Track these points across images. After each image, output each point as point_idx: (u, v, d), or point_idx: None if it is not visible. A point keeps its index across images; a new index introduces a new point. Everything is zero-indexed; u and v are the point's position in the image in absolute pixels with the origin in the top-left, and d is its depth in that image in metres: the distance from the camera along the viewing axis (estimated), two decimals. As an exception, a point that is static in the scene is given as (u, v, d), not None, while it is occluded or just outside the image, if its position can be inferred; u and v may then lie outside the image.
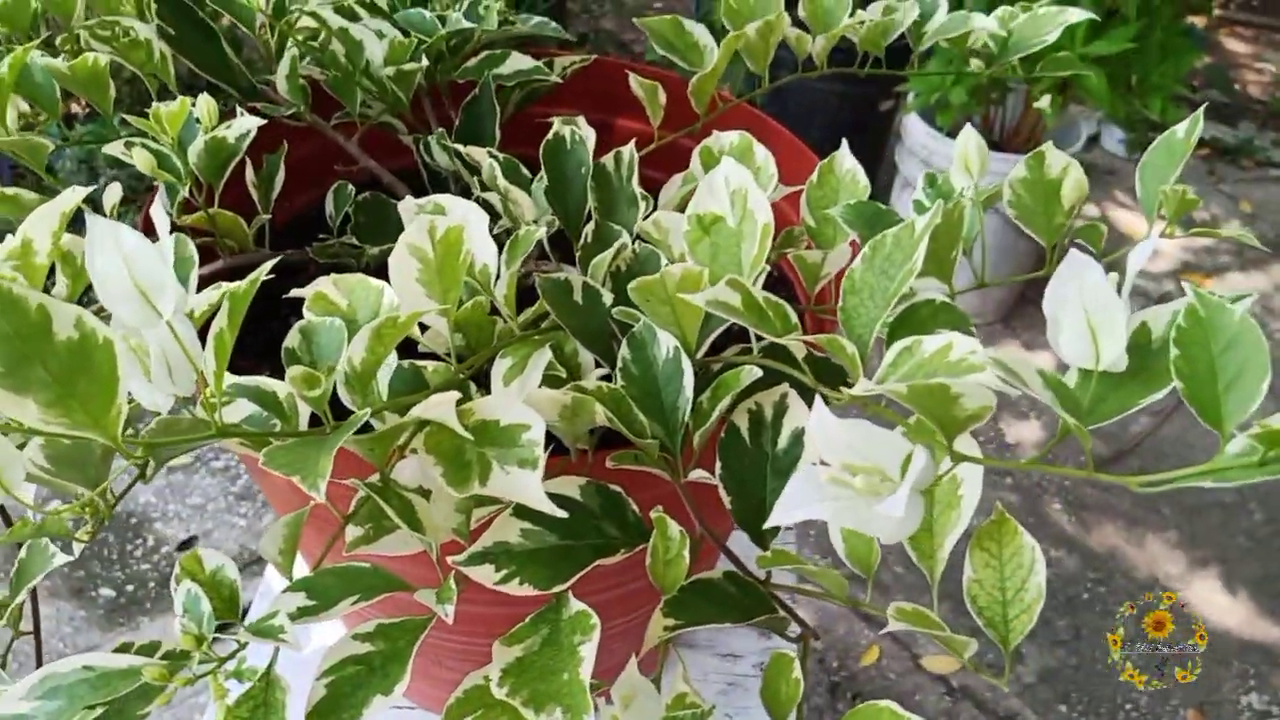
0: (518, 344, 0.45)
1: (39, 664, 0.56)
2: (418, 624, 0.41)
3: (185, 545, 2.05)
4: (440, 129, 0.64)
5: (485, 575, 0.40)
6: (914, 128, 2.27)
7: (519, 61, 0.64)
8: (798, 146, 0.67)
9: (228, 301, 0.34)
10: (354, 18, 0.63)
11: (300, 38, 0.60)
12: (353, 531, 0.44)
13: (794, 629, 0.44)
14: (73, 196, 0.45)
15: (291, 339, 0.39)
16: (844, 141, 0.52)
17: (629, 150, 0.54)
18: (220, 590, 0.40)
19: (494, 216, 0.57)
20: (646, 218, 0.51)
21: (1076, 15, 0.76)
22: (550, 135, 0.55)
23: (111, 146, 0.52)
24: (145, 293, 0.32)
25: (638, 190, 0.52)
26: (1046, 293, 0.35)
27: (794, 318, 0.40)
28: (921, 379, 0.33)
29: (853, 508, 0.29)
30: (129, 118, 0.50)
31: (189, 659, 0.38)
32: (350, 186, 0.60)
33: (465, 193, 0.66)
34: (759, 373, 0.42)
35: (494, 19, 0.60)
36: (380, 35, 0.61)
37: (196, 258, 0.40)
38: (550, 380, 0.45)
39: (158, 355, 0.35)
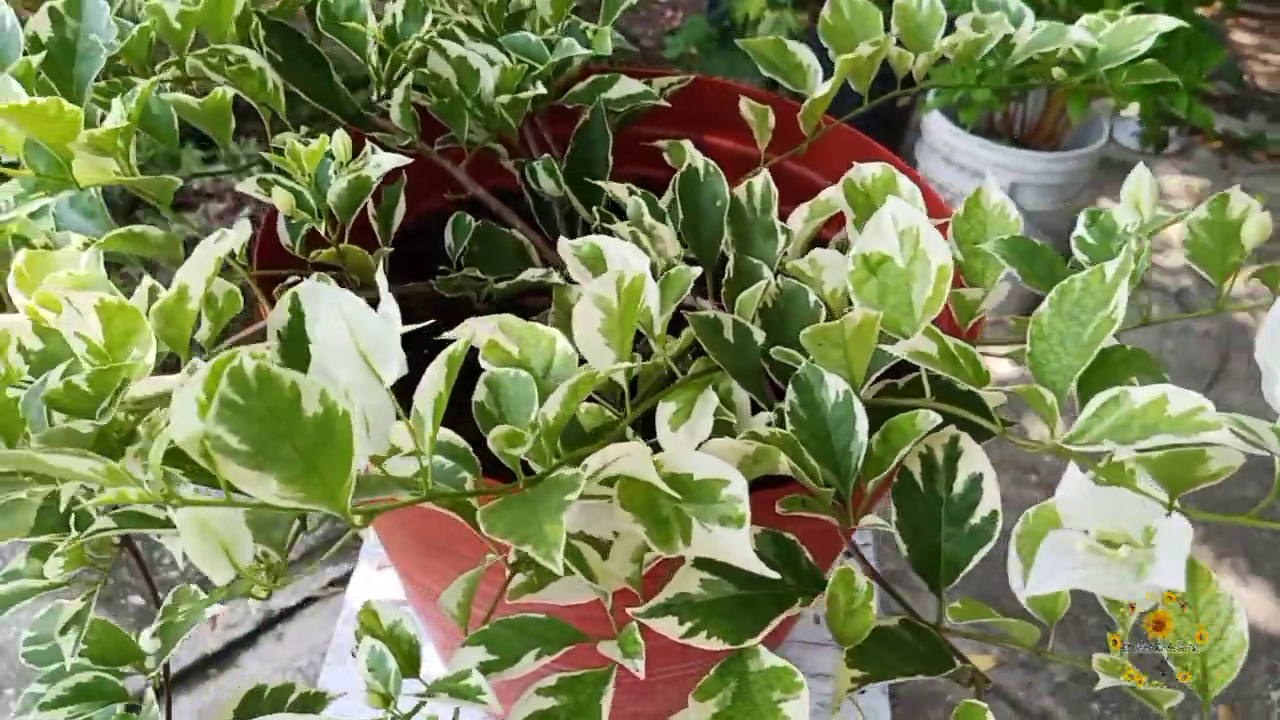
0: (680, 388, 0.44)
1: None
2: (599, 676, 0.40)
3: None
4: (546, 154, 0.63)
5: (669, 628, 0.40)
6: (935, 125, 2.26)
7: (628, 85, 0.63)
8: (904, 167, 0.67)
9: (445, 365, 0.33)
10: (456, 42, 0.62)
11: (412, 61, 0.59)
12: (514, 578, 0.43)
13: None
14: (226, 242, 0.44)
15: (480, 393, 0.38)
16: (988, 174, 0.51)
17: (762, 182, 0.53)
18: (400, 645, 0.40)
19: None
20: (784, 250, 0.50)
21: (1166, 24, 0.76)
22: (685, 168, 0.54)
23: (245, 184, 0.51)
24: (367, 356, 0.32)
25: (777, 223, 0.51)
26: (1259, 341, 0.35)
27: (985, 365, 0.39)
28: (1138, 433, 0.33)
29: (1107, 575, 0.29)
30: (267, 154, 0.49)
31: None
32: (468, 218, 0.59)
33: (571, 218, 0.65)
34: (937, 419, 0.41)
35: (607, 43, 0.59)
36: (489, 61, 0.60)
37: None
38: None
39: (358, 416, 0.35)
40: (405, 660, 0.39)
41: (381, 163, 0.48)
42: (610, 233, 0.59)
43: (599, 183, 0.57)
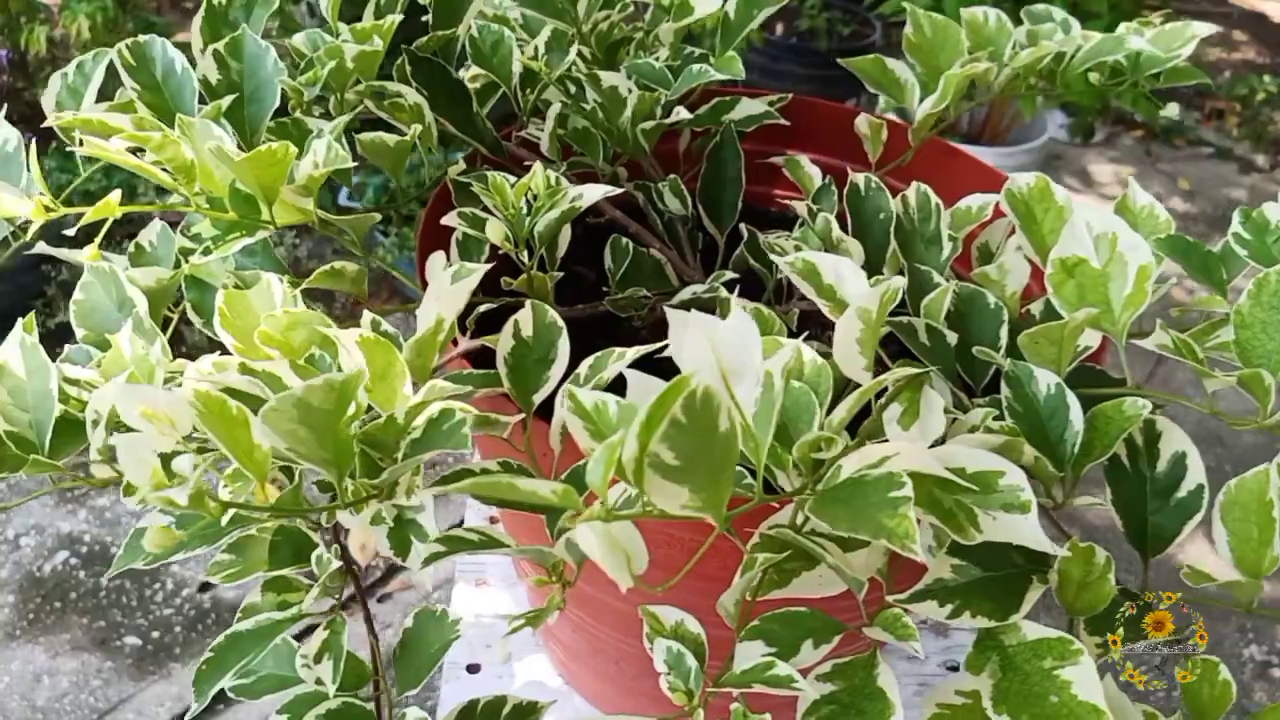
0: (899, 391, 0.48)
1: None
2: (866, 660, 0.43)
3: (206, 587, 1.99)
4: (671, 175, 0.66)
5: (930, 610, 0.43)
6: (891, 125, 2.34)
7: (750, 106, 0.67)
8: (992, 173, 0.71)
9: (771, 378, 0.36)
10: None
11: (557, 90, 0.61)
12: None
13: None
14: (475, 275, 0.46)
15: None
16: (1131, 179, 0.56)
17: (918, 194, 0.57)
18: (691, 643, 0.42)
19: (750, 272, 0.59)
20: (952, 257, 0.54)
21: (1204, 29, 0.81)
22: (849, 185, 0.58)
23: (450, 218, 0.52)
24: (726, 378, 0.34)
25: (944, 231, 0.55)
26: None
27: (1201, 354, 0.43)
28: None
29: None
30: (479, 189, 0.51)
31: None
32: (625, 240, 0.62)
33: (694, 236, 0.68)
34: (1148, 406, 0.45)
35: (738, 67, 0.62)
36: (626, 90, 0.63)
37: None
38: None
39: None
40: (698, 658, 0.42)
41: (584, 194, 0.51)
42: (764, 250, 0.62)
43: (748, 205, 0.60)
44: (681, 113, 0.61)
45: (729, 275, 0.62)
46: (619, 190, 0.52)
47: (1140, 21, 0.87)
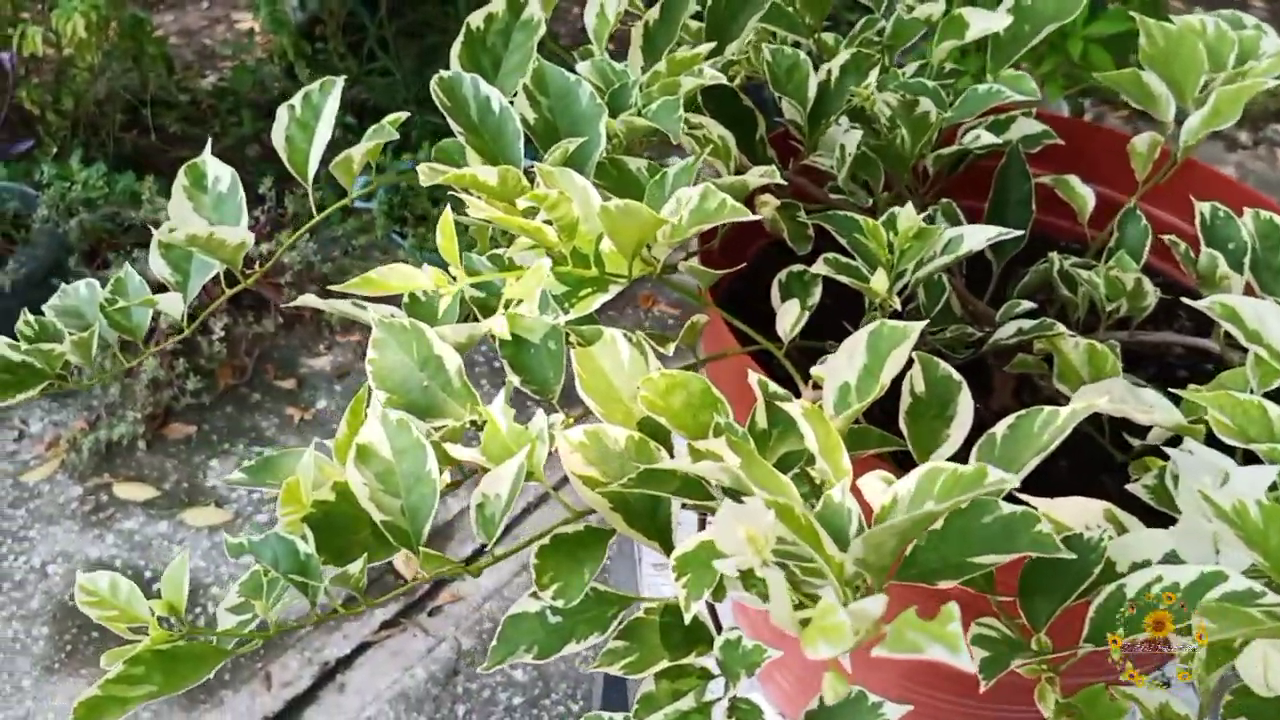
0: None
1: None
2: None
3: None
4: (945, 199, 0.63)
5: None
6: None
7: (1026, 125, 0.64)
8: (1246, 190, 0.70)
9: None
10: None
11: (848, 115, 0.58)
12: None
13: None
14: (912, 334, 0.43)
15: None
16: None
17: (1256, 220, 0.55)
18: None
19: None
20: None
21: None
22: (1198, 215, 0.55)
23: (818, 265, 0.49)
24: None
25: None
26: None
27: None
28: None
29: None
30: (861, 231, 0.48)
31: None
32: (940, 275, 0.59)
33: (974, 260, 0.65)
34: None
35: (1030, 85, 0.59)
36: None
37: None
38: None
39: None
40: None
41: (967, 236, 0.47)
42: (1065, 277, 0.59)
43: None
44: (984, 136, 0.58)
45: (1026, 305, 0.59)
46: (1018, 233, 0.49)
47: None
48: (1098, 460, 0.61)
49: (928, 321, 0.44)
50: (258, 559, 0.44)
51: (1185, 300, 0.47)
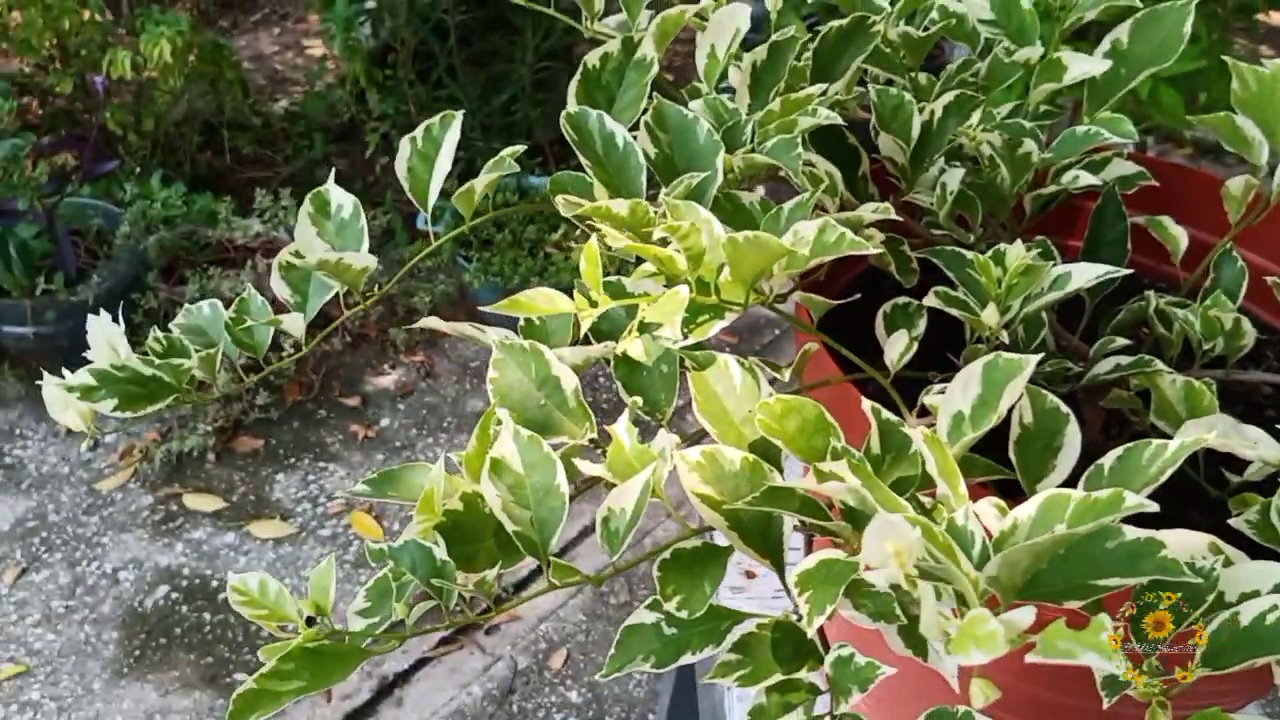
0: None
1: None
2: None
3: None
4: (1040, 236, 0.65)
5: None
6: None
7: (1121, 167, 0.65)
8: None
9: None
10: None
11: (974, 144, 0.60)
12: None
13: None
14: (1028, 367, 0.44)
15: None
16: None
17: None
18: None
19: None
20: None
21: None
22: (1217, 253, 0.57)
23: (930, 299, 0.51)
24: None
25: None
26: None
27: None
28: None
29: None
30: (962, 272, 0.50)
31: None
32: (1041, 313, 0.60)
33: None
34: None
35: (1129, 128, 0.61)
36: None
37: None
38: None
39: None
40: None
41: (1075, 273, 0.49)
42: (1160, 315, 0.61)
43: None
44: (1083, 176, 0.60)
45: (1121, 341, 0.60)
46: (1124, 272, 0.51)
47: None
48: (1186, 496, 0.62)
49: (1041, 356, 0.45)
50: (397, 563, 0.46)
51: (1289, 341, 0.48)
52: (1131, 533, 0.37)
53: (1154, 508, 0.33)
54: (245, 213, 2.27)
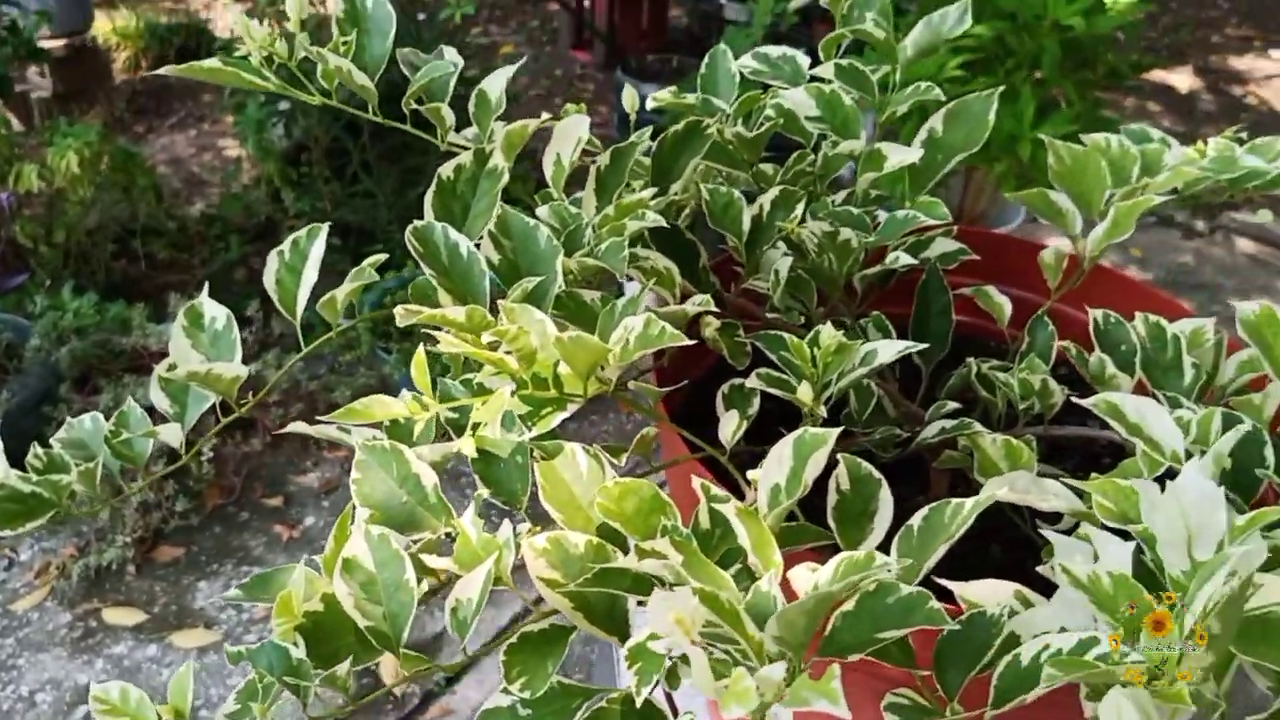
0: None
1: None
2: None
3: None
4: (876, 312, 0.70)
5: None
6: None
7: (944, 244, 0.71)
8: (1154, 295, 0.77)
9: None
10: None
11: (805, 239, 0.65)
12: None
13: None
14: (830, 440, 0.48)
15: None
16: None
17: (1145, 323, 0.61)
18: None
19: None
20: (1196, 383, 0.59)
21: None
22: (1092, 321, 0.62)
23: (753, 380, 0.55)
24: (1191, 538, 0.37)
25: (1186, 358, 0.59)
26: None
27: None
28: None
29: None
30: (780, 354, 0.54)
31: None
32: (868, 382, 0.65)
33: (895, 366, 0.72)
34: None
35: (943, 210, 0.67)
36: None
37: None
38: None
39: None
40: None
41: (880, 350, 0.54)
42: (982, 379, 0.66)
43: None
44: (903, 258, 0.65)
45: (952, 405, 0.65)
46: (917, 345, 0.55)
47: (1229, 136, 0.94)
48: (1025, 545, 0.67)
49: (846, 427, 0.50)
50: (254, 665, 0.48)
51: (1080, 400, 0.53)
52: (905, 589, 0.40)
53: (895, 568, 0.36)
54: (161, 318, 2.27)
